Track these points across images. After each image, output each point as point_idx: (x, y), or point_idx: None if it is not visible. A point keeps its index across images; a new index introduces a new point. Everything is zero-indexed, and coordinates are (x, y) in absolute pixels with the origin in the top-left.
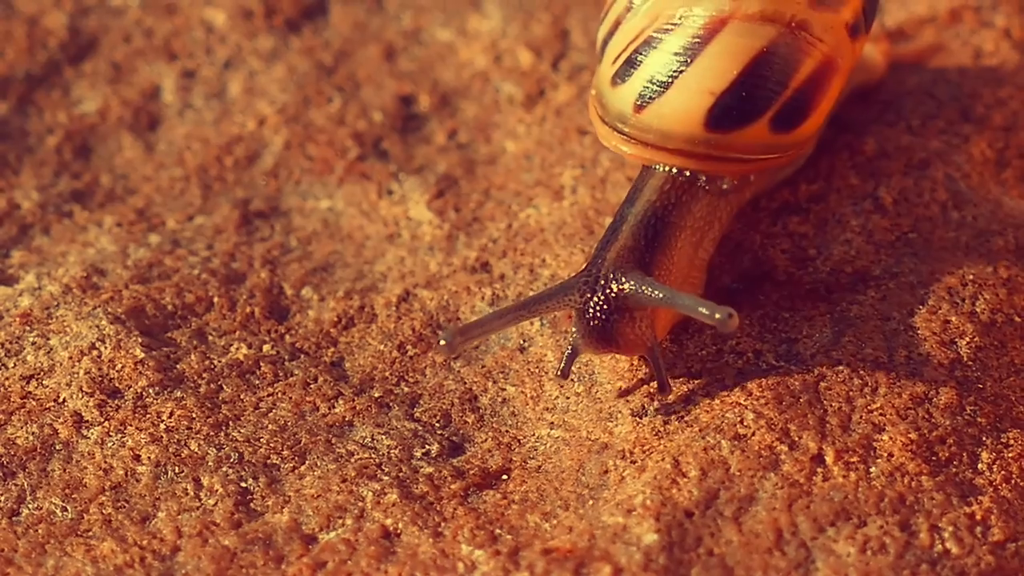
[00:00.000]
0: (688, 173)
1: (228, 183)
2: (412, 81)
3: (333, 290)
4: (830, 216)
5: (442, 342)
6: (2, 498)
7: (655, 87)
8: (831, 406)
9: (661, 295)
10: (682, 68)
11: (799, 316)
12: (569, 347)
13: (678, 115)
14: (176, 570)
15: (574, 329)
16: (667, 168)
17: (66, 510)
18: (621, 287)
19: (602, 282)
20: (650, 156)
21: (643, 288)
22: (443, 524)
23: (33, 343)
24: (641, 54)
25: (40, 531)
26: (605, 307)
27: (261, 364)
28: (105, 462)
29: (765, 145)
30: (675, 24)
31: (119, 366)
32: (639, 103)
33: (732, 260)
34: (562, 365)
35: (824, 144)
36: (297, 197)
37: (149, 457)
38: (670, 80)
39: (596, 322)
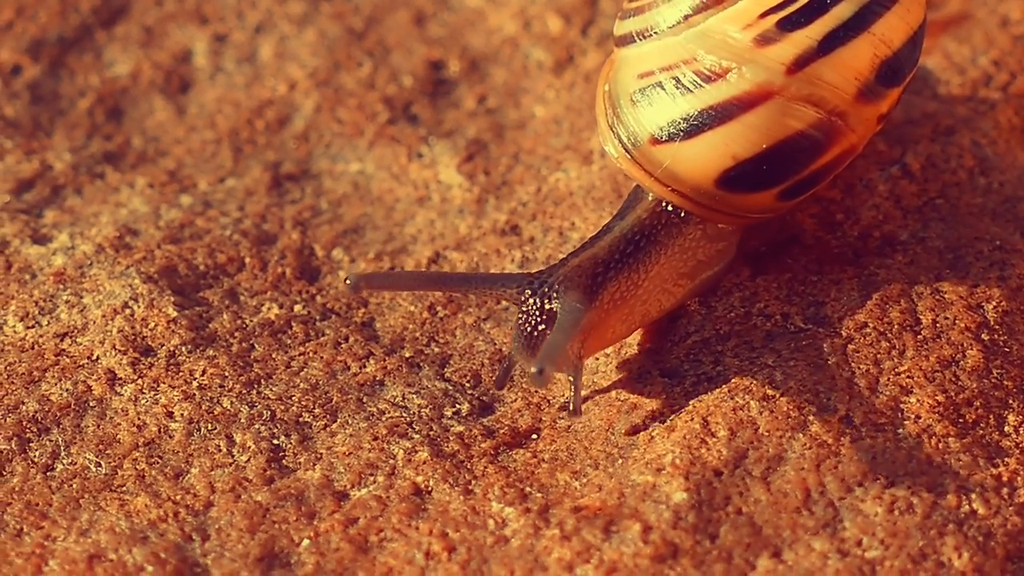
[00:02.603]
0: (683, 213)
1: (259, 146)
2: (442, 46)
3: (363, 252)
4: (858, 181)
5: (347, 281)
6: (37, 453)
7: (679, 130)
8: (859, 368)
9: (558, 327)
10: (713, 124)
11: (827, 280)
12: (507, 358)
13: (694, 166)
14: (209, 525)
15: (512, 334)
16: (662, 202)
17: (100, 465)
18: (554, 302)
19: (545, 289)
20: (648, 185)
21: (562, 313)
22: (474, 482)
23: (67, 301)
24: (673, 89)
25: (74, 486)
26: (537, 314)
27: (292, 324)
28: (138, 419)
29: (764, 208)
30: (717, 75)
31: (152, 324)
32: (657, 136)
33: (760, 224)
34: (497, 375)
35: None
36: (327, 160)
37: (182, 414)
38: (696, 130)
39: (527, 327)
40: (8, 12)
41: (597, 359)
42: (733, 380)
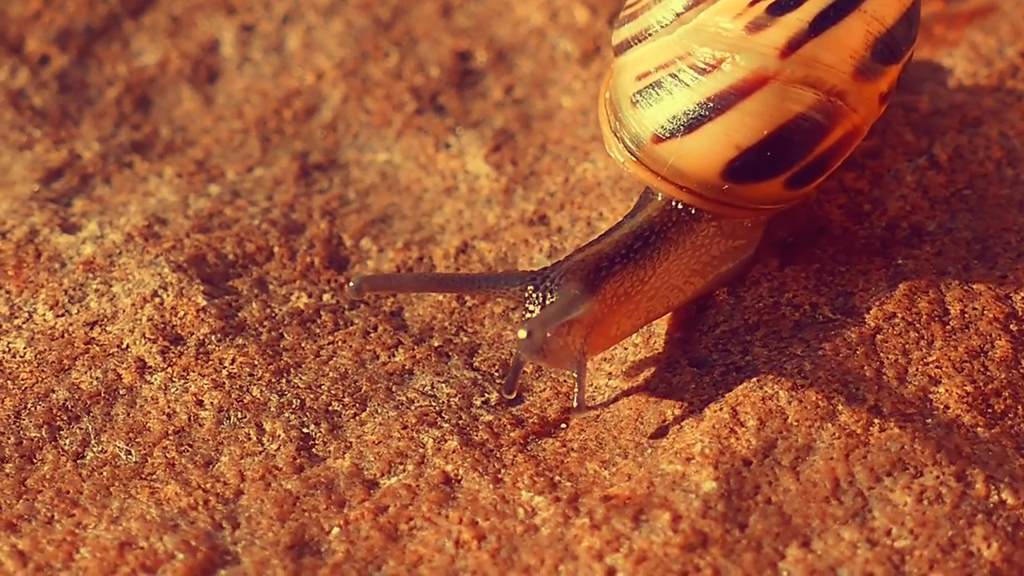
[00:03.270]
0: (693, 210)
1: (287, 136)
2: (469, 37)
3: (392, 241)
4: (885, 172)
5: (351, 284)
6: (67, 441)
7: (680, 126)
8: (887, 358)
9: (549, 309)
10: (712, 115)
11: (855, 270)
12: (513, 359)
13: (698, 160)
14: (239, 513)
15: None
16: (673, 201)
17: (130, 453)
18: (555, 295)
19: (547, 283)
20: (656, 185)
21: (559, 297)
22: (503, 471)
23: (96, 290)
24: (671, 85)
25: (105, 474)
26: (540, 310)
27: (321, 313)
28: (168, 407)
29: (774, 198)
30: (712, 66)
31: (181, 313)
32: (659, 135)
33: (788, 215)
34: (507, 380)
35: None
36: (355, 150)
37: (212, 402)
38: (697, 123)
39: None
40: (36, 2)
41: (626, 348)
42: (762, 370)
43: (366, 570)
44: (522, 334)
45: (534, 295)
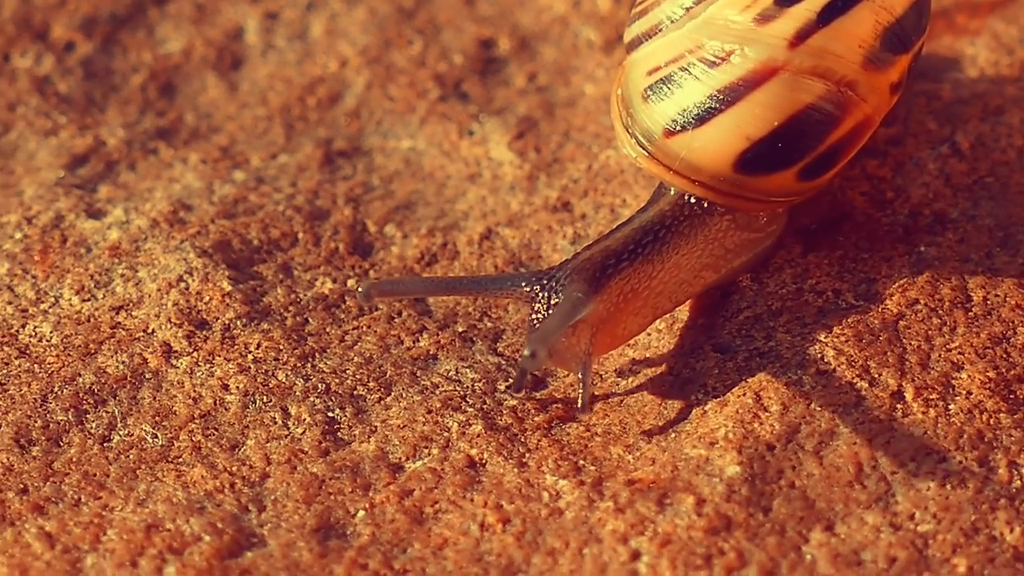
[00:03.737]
0: (706, 204)
1: (311, 123)
2: (492, 25)
3: (416, 227)
4: (908, 160)
5: (359, 290)
6: (94, 425)
7: (690, 119)
8: (910, 344)
9: (550, 320)
10: (722, 107)
11: (878, 257)
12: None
13: (709, 152)
14: (265, 496)
15: (527, 334)
16: (685, 195)
17: (156, 437)
18: (560, 295)
19: (553, 283)
20: (669, 179)
21: (562, 301)
22: (527, 455)
23: (122, 275)
24: (681, 79)
25: (131, 457)
26: (546, 310)
27: (346, 298)
28: (194, 391)
29: (787, 190)
30: (722, 59)
31: (207, 298)
32: (670, 128)
33: (811, 202)
34: (515, 379)
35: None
36: (379, 137)
37: (237, 387)
38: (707, 116)
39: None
40: None
41: (649, 335)
42: (785, 355)
43: (391, 553)
44: (526, 353)
45: (541, 295)
